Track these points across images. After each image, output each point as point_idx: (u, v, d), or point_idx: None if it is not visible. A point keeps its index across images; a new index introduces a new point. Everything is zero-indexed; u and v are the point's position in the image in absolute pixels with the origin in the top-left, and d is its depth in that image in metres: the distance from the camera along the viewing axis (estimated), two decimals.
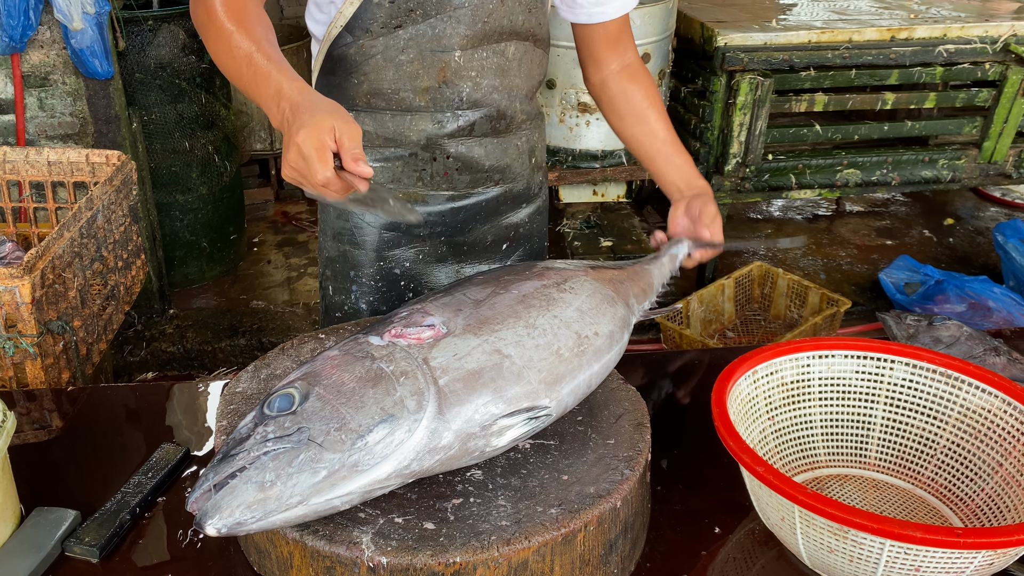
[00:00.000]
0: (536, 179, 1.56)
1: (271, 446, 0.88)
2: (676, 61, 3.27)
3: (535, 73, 1.44)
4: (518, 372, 1.00)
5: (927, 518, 1.13)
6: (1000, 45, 3.22)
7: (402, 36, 1.30)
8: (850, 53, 3.13)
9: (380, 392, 0.93)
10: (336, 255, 1.49)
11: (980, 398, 1.12)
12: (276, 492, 0.86)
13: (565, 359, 1.05)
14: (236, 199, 3.73)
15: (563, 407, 1.06)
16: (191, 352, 3.24)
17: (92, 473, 1.22)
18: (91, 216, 1.83)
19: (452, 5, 1.29)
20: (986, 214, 4.54)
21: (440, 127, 1.38)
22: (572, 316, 1.10)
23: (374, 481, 0.90)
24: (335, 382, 0.94)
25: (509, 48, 1.36)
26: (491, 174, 1.45)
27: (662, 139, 1.48)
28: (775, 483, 0.93)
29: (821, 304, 3.16)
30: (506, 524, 0.93)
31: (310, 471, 0.87)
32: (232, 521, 0.85)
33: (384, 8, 1.28)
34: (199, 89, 3.35)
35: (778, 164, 3.29)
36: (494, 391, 0.98)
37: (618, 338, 1.16)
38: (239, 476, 0.87)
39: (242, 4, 1.16)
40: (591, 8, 1.45)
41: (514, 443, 1.00)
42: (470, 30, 1.31)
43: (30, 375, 1.60)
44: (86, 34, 2.69)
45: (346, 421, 0.90)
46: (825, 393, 1.20)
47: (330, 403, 0.92)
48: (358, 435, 0.90)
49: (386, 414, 0.91)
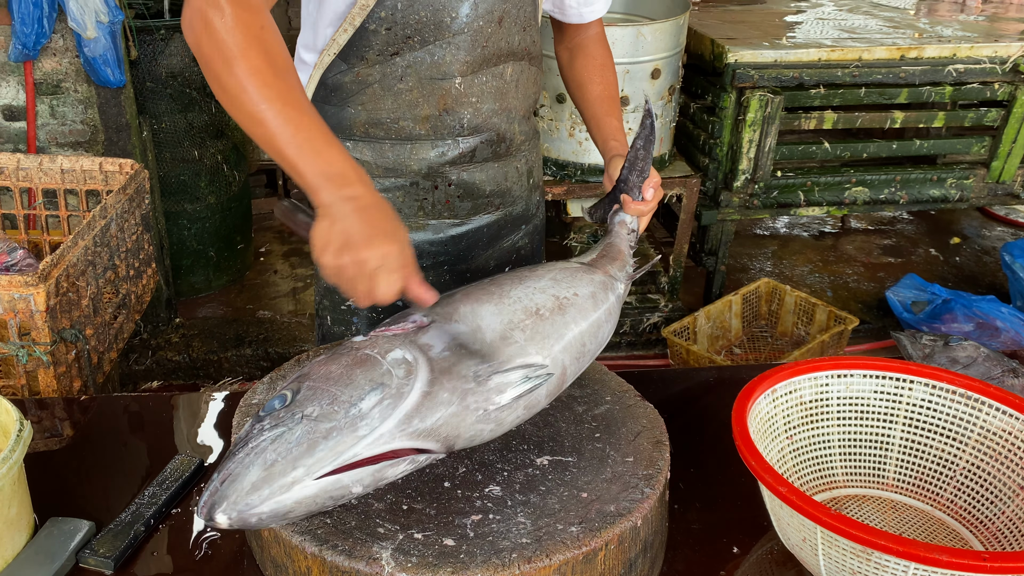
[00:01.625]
0: (534, 199, 1.56)
1: (268, 433, 0.90)
2: (686, 77, 3.27)
3: (531, 92, 1.44)
4: (503, 333, 1.03)
5: (947, 540, 1.12)
6: (1009, 65, 3.23)
7: (399, 64, 1.27)
8: (859, 71, 3.13)
9: (367, 368, 0.95)
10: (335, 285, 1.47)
11: (1001, 420, 1.11)
12: (279, 468, 0.87)
13: (547, 318, 1.08)
14: (244, 209, 3.73)
15: (561, 367, 1.07)
16: (197, 361, 3.23)
17: (105, 483, 1.22)
18: (105, 224, 1.83)
19: (451, 31, 1.27)
20: (992, 233, 4.54)
21: (442, 155, 1.37)
22: (546, 284, 1.14)
23: (376, 442, 0.90)
24: (323, 374, 0.96)
25: (507, 70, 1.35)
26: (492, 199, 1.45)
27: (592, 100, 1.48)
28: (798, 503, 0.92)
29: (828, 322, 3.16)
30: (526, 542, 0.92)
31: (308, 442, 0.88)
32: (240, 505, 0.85)
33: (380, 35, 1.25)
34: (209, 98, 3.36)
35: (787, 181, 3.29)
36: (481, 354, 1.00)
37: (602, 299, 1.18)
38: (239, 464, 0.88)
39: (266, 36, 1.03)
40: (580, 8, 1.48)
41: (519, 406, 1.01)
42: (470, 55, 1.30)
43: (42, 383, 1.59)
44: (99, 43, 2.70)
45: (337, 396, 0.92)
46: (843, 413, 1.20)
47: (320, 388, 0.94)
48: (351, 404, 0.91)
49: (376, 383, 0.93)
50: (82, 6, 2.61)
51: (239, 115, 1.01)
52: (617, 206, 1.37)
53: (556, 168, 3.08)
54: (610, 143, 1.43)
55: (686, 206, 3.21)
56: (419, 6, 1.24)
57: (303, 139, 0.99)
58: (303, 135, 0.99)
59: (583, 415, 1.17)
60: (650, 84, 2.96)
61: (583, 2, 1.48)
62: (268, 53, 1.01)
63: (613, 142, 1.42)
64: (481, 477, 1.05)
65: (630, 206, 1.34)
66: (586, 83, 1.49)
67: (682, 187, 3.16)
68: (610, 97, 1.49)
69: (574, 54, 1.53)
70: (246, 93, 0.99)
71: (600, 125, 1.47)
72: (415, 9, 1.24)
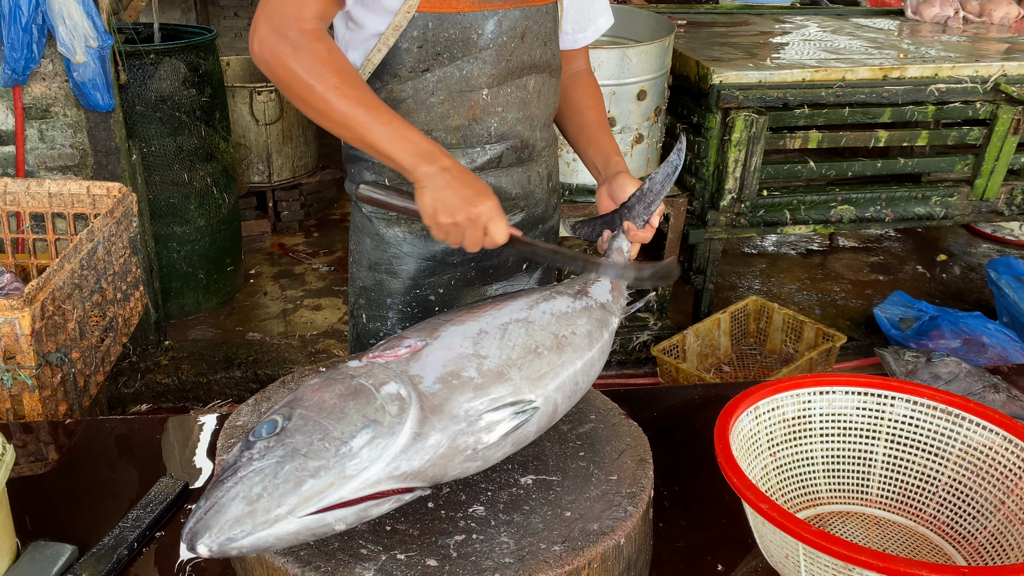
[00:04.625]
0: (552, 201, 1.62)
1: (256, 464, 0.89)
2: (672, 98, 3.30)
3: (551, 102, 1.50)
4: (498, 370, 1.03)
5: (930, 556, 1.12)
6: (990, 84, 3.27)
7: (430, 79, 1.34)
8: (843, 91, 3.17)
9: (360, 403, 0.95)
10: (371, 284, 1.53)
11: (981, 435, 1.12)
12: (264, 504, 0.86)
13: (544, 357, 1.09)
14: (233, 231, 3.74)
15: (552, 404, 1.08)
16: (186, 384, 3.22)
17: (89, 507, 1.21)
18: (92, 248, 1.83)
19: (478, 47, 1.34)
20: (978, 250, 4.58)
21: (471, 162, 1.43)
22: (547, 320, 1.15)
23: (363, 485, 0.90)
24: (316, 402, 0.96)
25: (530, 82, 1.42)
26: (516, 201, 1.51)
27: (589, 123, 1.53)
28: (780, 520, 0.92)
29: (817, 339, 3.17)
30: (509, 561, 0.92)
31: (295, 480, 0.87)
32: (222, 538, 0.85)
33: (412, 53, 1.32)
34: (199, 122, 3.37)
35: (773, 200, 3.32)
36: (475, 388, 1.00)
37: (597, 337, 1.19)
38: (226, 495, 0.87)
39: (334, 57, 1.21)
40: (575, 35, 1.55)
41: (507, 443, 1.01)
42: (495, 68, 1.36)
43: (27, 407, 1.59)
44: (88, 67, 2.71)
45: (329, 431, 0.91)
46: (826, 429, 1.20)
47: (312, 419, 0.93)
48: (342, 442, 0.91)
49: (368, 420, 0.93)
50: (71, 31, 2.62)
51: (328, 123, 1.22)
52: (617, 232, 1.37)
53: None
54: (613, 158, 1.46)
55: (674, 225, 3.23)
56: (448, 24, 1.31)
57: (390, 131, 1.20)
58: (388, 128, 1.20)
59: (568, 433, 1.18)
60: (636, 105, 2.99)
61: (577, 28, 1.55)
62: (340, 71, 1.21)
63: (616, 157, 1.46)
64: (465, 497, 1.05)
65: (633, 233, 1.35)
66: (584, 110, 1.55)
67: (669, 207, 3.18)
68: (604, 123, 1.55)
69: (571, 81, 1.58)
70: (332, 107, 1.20)
71: (599, 144, 1.51)
72: (444, 27, 1.31)
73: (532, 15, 1.38)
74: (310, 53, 1.19)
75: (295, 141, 4.41)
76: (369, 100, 1.21)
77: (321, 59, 1.20)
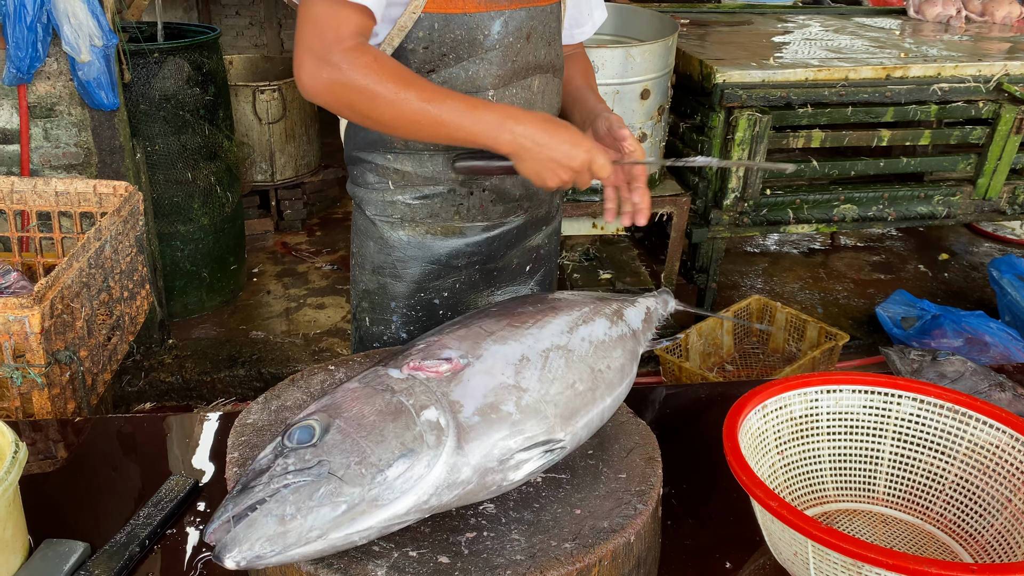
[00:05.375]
0: (554, 202, 1.62)
1: (291, 479, 0.89)
2: (675, 97, 3.31)
3: (555, 102, 1.50)
4: (535, 407, 1.02)
5: (936, 554, 1.13)
6: (993, 84, 3.28)
7: (436, 80, 1.33)
8: (846, 91, 3.18)
9: (400, 426, 0.94)
10: (375, 287, 1.52)
11: (988, 434, 1.13)
12: (296, 525, 0.86)
13: (580, 393, 1.07)
14: (237, 230, 3.74)
15: (577, 440, 1.07)
16: (190, 383, 3.23)
17: (99, 504, 1.22)
18: (99, 246, 1.84)
19: (484, 48, 1.33)
20: (980, 249, 4.59)
21: None
22: (586, 350, 1.13)
23: (393, 516, 0.91)
24: (355, 415, 0.95)
25: (534, 82, 1.42)
26: (521, 202, 1.51)
27: (575, 88, 1.54)
28: (789, 518, 0.93)
29: (819, 338, 3.18)
30: (520, 558, 0.93)
31: (330, 505, 0.87)
32: (252, 555, 0.85)
33: (418, 54, 1.32)
34: (202, 121, 3.38)
35: (776, 199, 3.33)
36: (511, 425, 0.99)
37: (628, 371, 1.19)
38: (259, 509, 0.87)
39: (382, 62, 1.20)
40: (572, 30, 1.56)
41: (529, 477, 1.01)
42: (501, 69, 1.36)
43: (36, 405, 1.60)
44: (93, 66, 2.72)
45: (367, 455, 0.91)
46: (833, 428, 1.21)
47: (350, 436, 0.92)
48: (378, 469, 0.90)
49: (406, 449, 0.92)
50: (76, 30, 2.63)
51: (399, 128, 1.23)
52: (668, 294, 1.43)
53: None
54: (598, 106, 1.47)
55: (676, 224, 3.23)
56: (454, 25, 1.31)
57: (461, 113, 1.20)
58: (459, 111, 1.20)
59: None
60: (640, 104, 2.99)
61: (574, 24, 1.56)
62: (393, 74, 1.19)
63: (601, 106, 1.48)
64: None
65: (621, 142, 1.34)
66: (569, 79, 1.56)
67: (673, 205, 3.18)
68: (591, 87, 1.55)
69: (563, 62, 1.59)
70: (398, 111, 1.19)
71: (584, 99, 1.52)
72: (451, 28, 1.31)
73: (538, 15, 1.38)
74: (362, 68, 1.17)
75: (298, 140, 4.41)
76: (430, 90, 1.20)
77: (372, 68, 1.17)
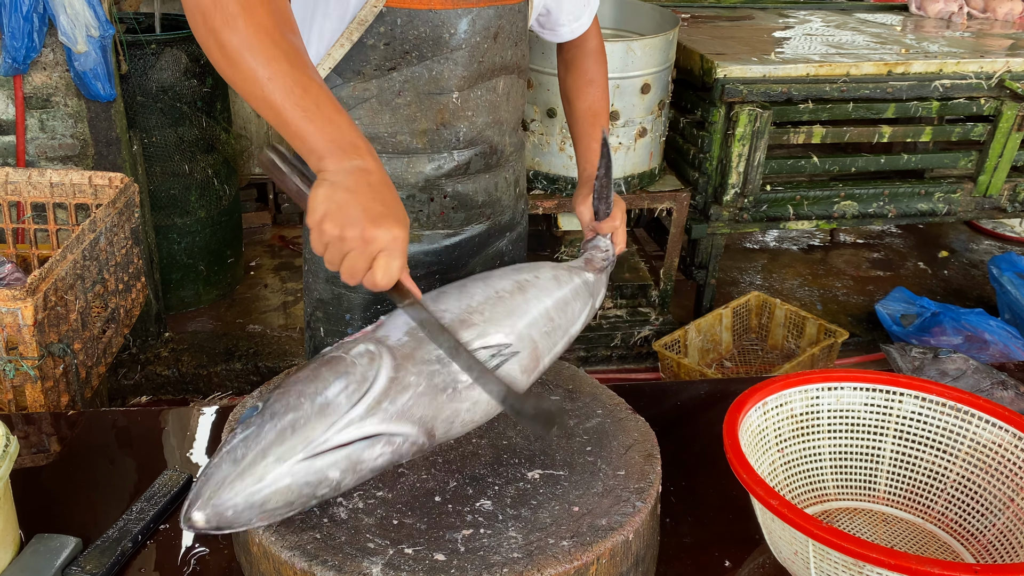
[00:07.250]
0: (519, 208, 1.58)
1: (240, 436, 0.91)
2: (675, 92, 3.29)
3: (519, 104, 1.46)
4: (461, 318, 1.05)
5: (938, 553, 1.12)
6: (995, 81, 3.26)
7: (397, 79, 1.28)
8: (847, 86, 3.16)
9: (333, 364, 0.96)
10: (330, 297, 1.47)
11: (990, 432, 1.11)
12: (250, 460, 0.88)
13: (506, 299, 1.09)
14: (234, 223, 3.72)
15: (530, 341, 1.08)
16: (186, 376, 3.21)
17: (91, 499, 1.20)
18: (94, 238, 1.82)
19: (449, 47, 1.28)
20: (980, 247, 4.57)
21: (438, 168, 1.38)
22: (506, 271, 1.17)
23: (348, 425, 0.91)
24: (292, 379, 0.97)
25: (499, 84, 1.37)
26: (483, 209, 1.47)
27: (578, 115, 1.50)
28: (790, 516, 0.92)
29: (819, 335, 3.17)
30: (518, 556, 0.92)
31: (277, 432, 0.89)
32: (215, 500, 0.86)
33: (379, 51, 1.26)
34: (200, 113, 3.36)
35: (776, 195, 3.31)
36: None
37: (566, 280, 1.20)
38: (212, 464, 0.89)
39: None
40: (571, 25, 1.50)
41: None
42: (467, 70, 1.31)
43: (29, 398, 1.58)
44: (89, 57, 2.69)
45: (303, 391, 0.93)
46: (834, 425, 1.20)
47: (287, 389, 0.95)
48: (317, 394, 0.92)
49: (340, 373, 0.94)
50: (73, 20, 2.61)
51: (236, 76, 0.93)
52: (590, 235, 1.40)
53: (547, 182, 3.09)
54: (588, 170, 1.45)
55: (676, 220, 3.22)
56: (419, 22, 1.25)
57: (311, 103, 0.92)
58: (311, 99, 0.92)
59: (574, 428, 1.17)
60: (640, 99, 2.97)
61: (572, 18, 1.51)
62: (275, 12, 0.94)
63: (590, 168, 1.44)
64: (472, 491, 1.04)
65: (602, 226, 1.38)
66: (573, 99, 1.52)
67: (672, 201, 3.17)
68: (593, 113, 1.51)
69: (568, 69, 1.55)
70: (251, 51, 0.91)
71: (579, 145, 1.50)
72: (415, 25, 1.25)
73: (506, 14, 1.32)
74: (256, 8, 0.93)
75: None
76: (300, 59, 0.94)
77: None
